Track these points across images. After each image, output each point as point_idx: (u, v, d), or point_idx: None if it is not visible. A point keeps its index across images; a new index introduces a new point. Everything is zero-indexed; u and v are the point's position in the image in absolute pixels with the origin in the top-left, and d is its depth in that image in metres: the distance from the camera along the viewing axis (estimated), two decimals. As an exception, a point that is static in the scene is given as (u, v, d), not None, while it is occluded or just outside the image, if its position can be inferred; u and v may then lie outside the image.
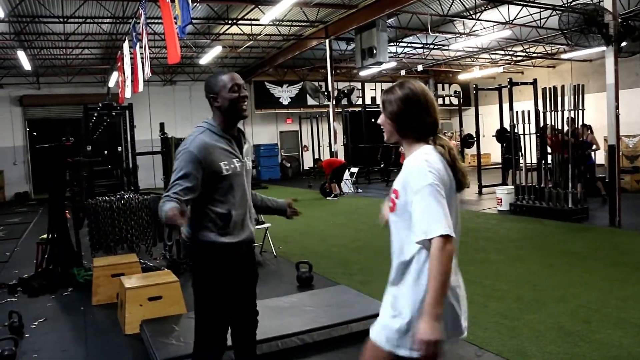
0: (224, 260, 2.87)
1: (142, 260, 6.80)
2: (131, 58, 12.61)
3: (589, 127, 11.53)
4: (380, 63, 15.28)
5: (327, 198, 14.99)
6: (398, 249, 2.25)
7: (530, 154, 11.11)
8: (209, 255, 2.86)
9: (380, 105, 2.35)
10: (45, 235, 6.94)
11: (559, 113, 9.90)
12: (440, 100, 11.97)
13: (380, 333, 2.26)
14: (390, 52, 19.16)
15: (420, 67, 22.56)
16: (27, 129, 20.77)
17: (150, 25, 12.93)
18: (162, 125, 8.11)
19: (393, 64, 21.29)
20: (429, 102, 2.27)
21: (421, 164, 2.12)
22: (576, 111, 9.81)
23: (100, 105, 10.39)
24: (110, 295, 5.87)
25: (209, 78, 2.96)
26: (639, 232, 8.44)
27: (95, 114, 11.82)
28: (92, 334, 5.07)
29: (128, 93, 13.56)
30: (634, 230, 8.58)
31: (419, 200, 2.05)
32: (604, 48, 9.09)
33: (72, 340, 4.96)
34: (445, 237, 1.99)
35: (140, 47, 11.12)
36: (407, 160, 2.22)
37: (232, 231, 2.87)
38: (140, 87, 12.15)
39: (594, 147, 11.42)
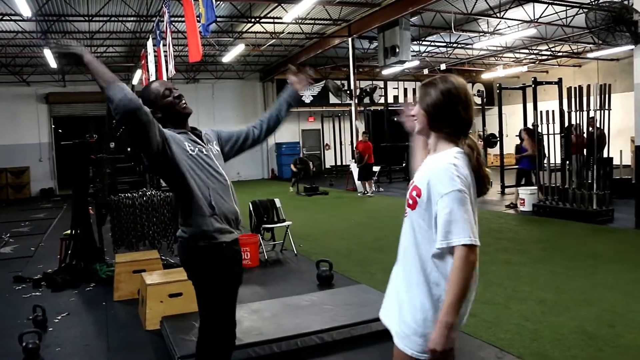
0: (223, 257, 2.83)
1: (163, 257, 6.85)
2: (155, 56, 12.71)
3: (527, 130, 11.49)
4: (403, 62, 15.21)
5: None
6: (411, 246, 2.19)
7: (555, 154, 10.96)
8: (209, 249, 2.80)
9: (417, 96, 2.28)
10: (68, 231, 7.03)
11: (584, 113, 9.75)
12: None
13: (408, 339, 2.20)
14: (413, 51, 19.07)
15: (443, 66, 22.41)
16: (53, 126, 21.07)
17: (173, 23, 13.03)
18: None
19: (416, 63, 21.18)
20: (468, 99, 2.21)
21: (449, 167, 2.06)
22: (602, 111, 9.66)
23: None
24: (131, 291, 5.92)
25: (142, 92, 2.89)
26: (666, 235, 8.30)
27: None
28: (113, 329, 5.12)
29: (154, 91, 13.65)
30: (660, 233, 8.43)
31: (444, 205, 2.01)
32: (632, 47, 8.93)
33: (94, 334, 5.01)
34: (470, 247, 1.97)
35: (164, 45, 11.21)
36: (433, 158, 2.17)
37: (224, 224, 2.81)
38: (165, 85, 12.21)
39: (529, 152, 11.34)
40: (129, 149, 11.46)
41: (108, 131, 10.23)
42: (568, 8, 14.92)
